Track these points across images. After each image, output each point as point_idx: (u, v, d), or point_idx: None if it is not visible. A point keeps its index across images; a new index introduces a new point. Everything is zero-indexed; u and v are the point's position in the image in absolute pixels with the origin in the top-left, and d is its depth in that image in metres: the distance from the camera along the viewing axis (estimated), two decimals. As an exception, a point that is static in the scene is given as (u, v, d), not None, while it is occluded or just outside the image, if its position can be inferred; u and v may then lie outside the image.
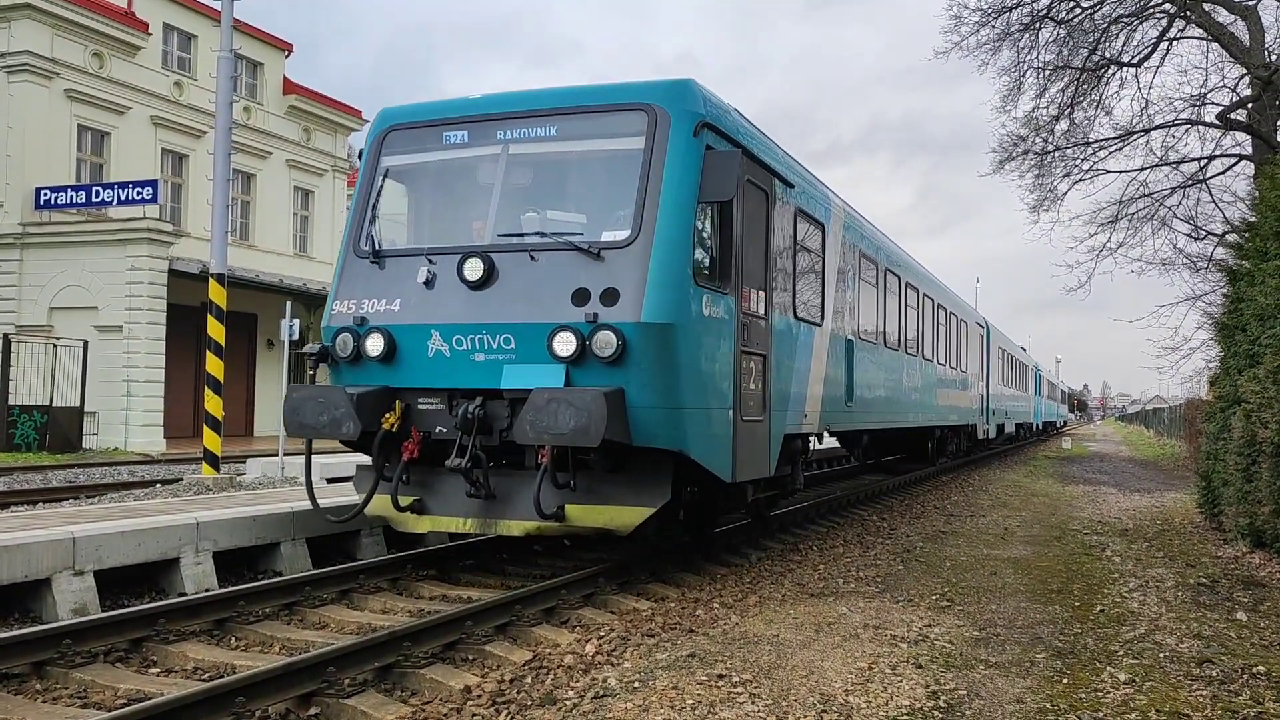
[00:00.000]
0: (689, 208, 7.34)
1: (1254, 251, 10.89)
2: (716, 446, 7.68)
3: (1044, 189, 24.59)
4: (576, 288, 7.14)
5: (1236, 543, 10.86)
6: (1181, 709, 5.20)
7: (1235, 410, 10.60)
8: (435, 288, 7.57)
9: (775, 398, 9.00)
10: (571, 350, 6.96)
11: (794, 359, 9.75)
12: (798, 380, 9.86)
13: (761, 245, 8.77)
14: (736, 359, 8.02)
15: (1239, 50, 20.64)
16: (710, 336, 7.57)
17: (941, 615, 7.41)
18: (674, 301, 7.12)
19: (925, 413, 17.62)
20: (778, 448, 9.11)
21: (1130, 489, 20.66)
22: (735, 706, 5.03)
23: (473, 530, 7.58)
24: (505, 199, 7.85)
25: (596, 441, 6.46)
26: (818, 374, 10.60)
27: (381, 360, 7.59)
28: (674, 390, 7.10)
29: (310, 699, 5.07)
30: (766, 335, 8.82)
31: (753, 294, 8.51)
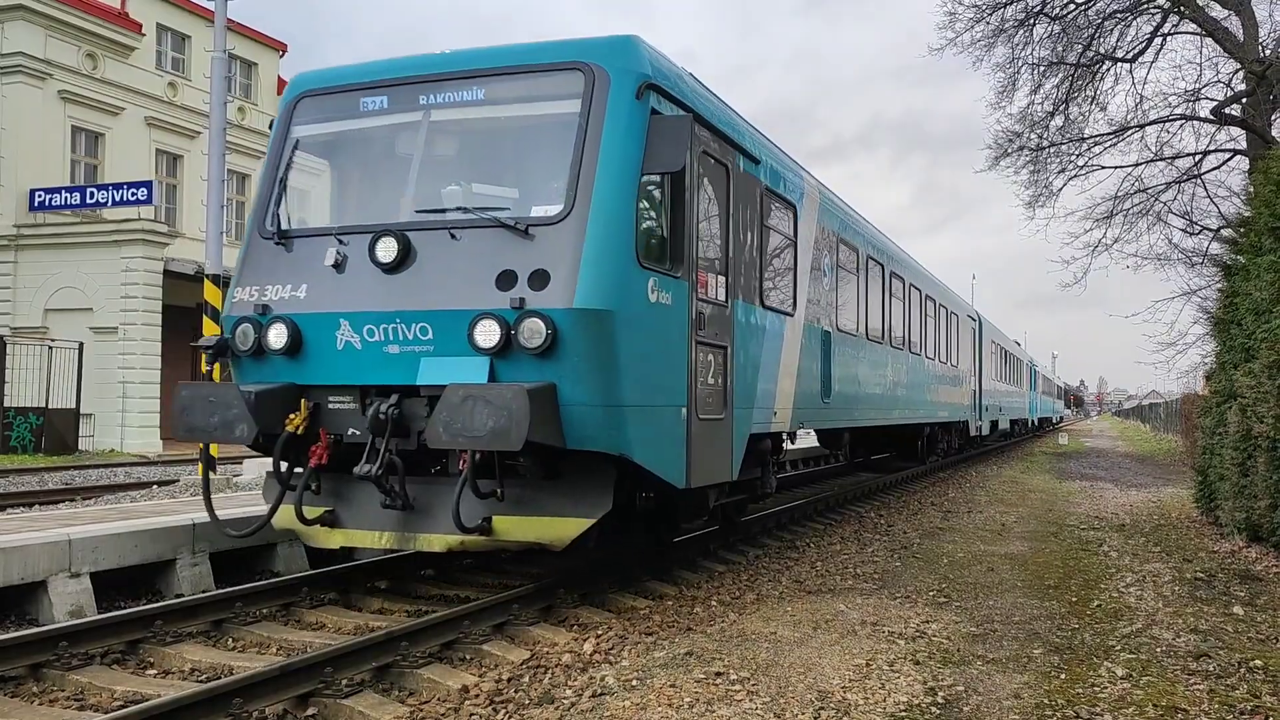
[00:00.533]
0: (631, 180, 6.57)
1: (1249, 246, 10.91)
2: (666, 449, 6.96)
3: (1039, 185, 24.61)
4: (502, 270, 6.35)
5: (1233, 537, 10.88)
6: (1178, 703, 5.21)
7: (1231, 405, 10.62)
8: (345, 271, 6.77)
9: (739, 394, 8.27)
10: (495, 341, 6.21)
11: (761, 351, 8.99)
12: (766, 375, 9.12)
13: (721, 226, 8.01)
14: (691, 351, 7.28)
15: (1233, 45, 20.67)
16: (658, 325, 6.81)
17: (939, 611, 7.41)
18: (612, 285, 6.34)
19: (913, 409, 16.84)
20: (742, 449, 8.38)
21: (1127, 484, 20.69)
22: (733, 704, 5.03)
23: (390, 545, 6.80)
24: (426, 171, 7.10)
25: (518, 445, 5.74)
26: (789, 368, 9.89)
27: (286, 354, 6.80)
28: (614, 386, 6.33)
29: (308, 699, 5.06)
30: (728, 325, 8.08)
31: (711, 279, 7.74)
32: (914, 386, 16.75)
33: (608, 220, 6.42)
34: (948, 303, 20.92)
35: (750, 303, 8.66)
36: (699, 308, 7.43)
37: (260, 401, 6.58)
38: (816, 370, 10.87)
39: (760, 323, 8.96)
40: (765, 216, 9.13)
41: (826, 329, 11.29)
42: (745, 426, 8.46)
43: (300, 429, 6.73)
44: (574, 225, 6.40)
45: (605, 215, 6.42)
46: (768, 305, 9.15)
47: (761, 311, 8.99)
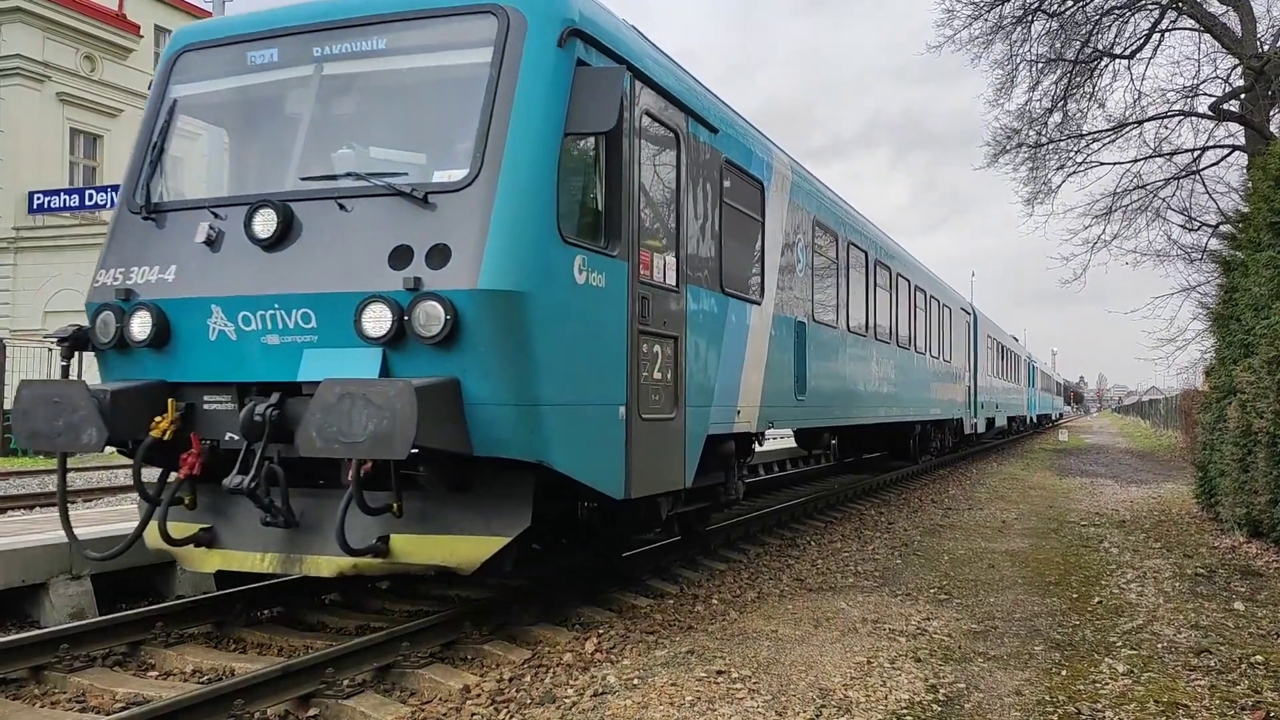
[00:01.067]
0: (550, 140, 5.72)
1: (1247, 242, 10.91)
2: (600, 454, 6.13)
3: (1038, 182, 24.63)
4: (396, 245, 5.52)
5: (1233, 533, 10.89)
6: (1180, 699, 5.22)
7: (1231, 400, 10.62)
8: (220, 250, 5.91)
9: (693, 391, 7.44)
10: (386, 328, 5.38)
11: (721, 342, 8.12)
12: (727, 368, 8.25)
13: (670, 199, 7.18)
14: (631, 340, 6.45)
15: (1231, 41, 20.67)
16: (587, 310, 5.97)
17: (940, 609, 7.42)
18: (526, 262, 5.49)
19: (902, 407, 15.90)
20: (698, 451, 7.54)
21: (1127, 480, 20.70)
22: (735, 702, 5.03)
23: (273, 569, 5.87)
24: (315, 133, 6.18)
25: (402, 452, 4.94)
26: (756, 361, 9.03)
27: (152, 346, 5.93)
28: (529, 381, 5.47)
29: (309, 700, 5.06)
30: (679, 313, 7.23)
31: (657, 260, 6.88)
32: (903, 383, 15.93)
33: (521, 186, 5.55)
34: (939, 295, 20.04)
35: (707, 288, 7.82)
36: (641, 292, 6.58)
37: (117, 402, 5.71)
38: (789, 364, 10.04)
39: (719, 311, 8.11)
40: (726, 193, 8.27)
41: (801, 320, 10.43)
42: (702, 427, 7.66)
43: (168, 434, 5.86)
44: (480, 192, 5.51)
45: (518, 180, 5.55)
46: (729, 291, 8.30)
47: (721, 299, 8.14)
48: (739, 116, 9.05)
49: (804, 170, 11.08)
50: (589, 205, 6.37)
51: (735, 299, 8.47)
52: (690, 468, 7.41)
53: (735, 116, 8.90)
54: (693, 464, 7.44)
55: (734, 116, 8.86)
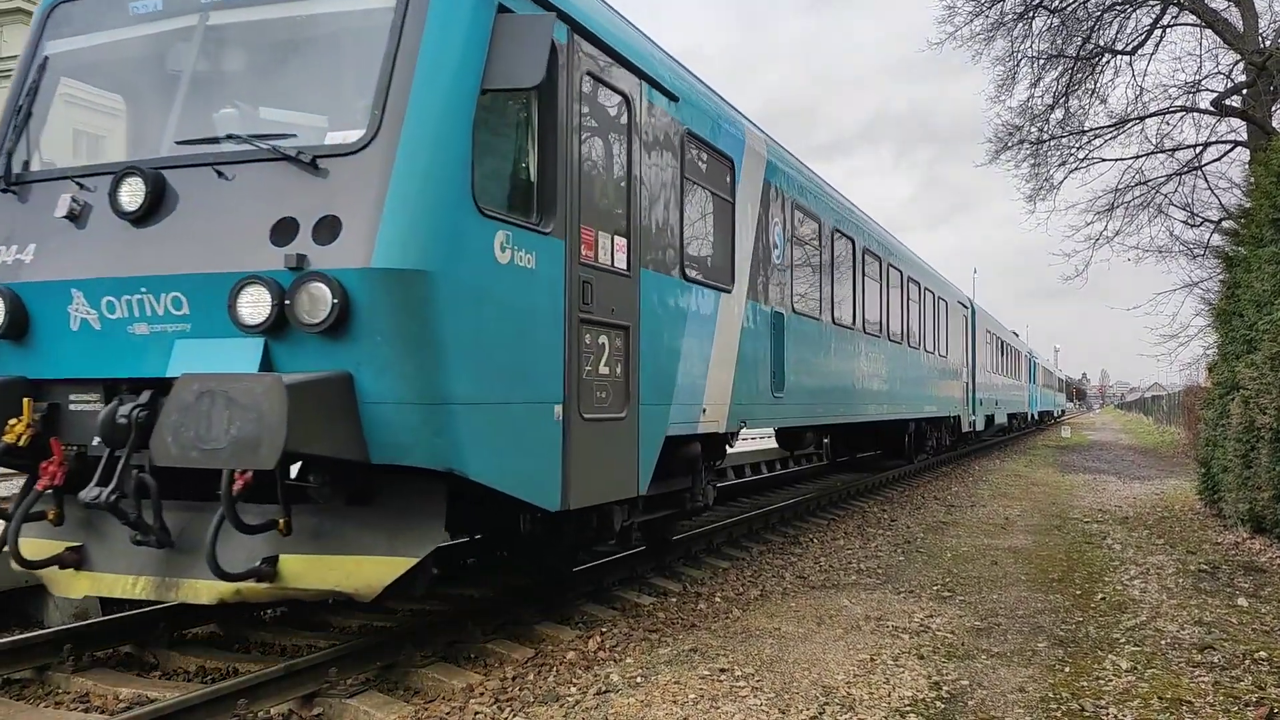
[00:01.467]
0: (463, 96, 4.98)
1: (1250, 238, 10.90)
2: (529, 460, 5.42)
3: (1040, 178, 24.59)
4: (280, 218, 4.80)
5: (1236, 529, 10.88)
6: (1183, 695, 5.21)
7: (1234, 396, 10.61)
8: (85, 226, 5.19)
9: (648, 387, 6.72)
10: (264, 315, 4.67)
11: (682, 334, 7.38)
12: (690, 362, 7.51)
13: (620, 173, 6.46)
14: (570, 330, 5.74)
15: (1232, 36, 20.62)
16: (512, 294, 5.25)
17: (943, 606, 7.41)
18: (430, 236, 4.77)
19: (894, 404, 15.03)
20: (654, 454, 6.84)
21: (1130, 477, 20.69)
22: (738, 700, 5.03)
23: (146, 595, 5.14)
24: (197, 90, 5.42)
25: (270, 460, 4.27)
26: (725, 354, 8.26)
27: (7, 337, 5.24)
28: (435, 376, 4.77)
29: (313, 699, 5.06)
30: (631, 299, 6.50)
31: (604, 240, 6.17)
32: (895, 379, 15.05)
33: (427, 149, 4.83)
34: (935, 287, 19.13)
35: (665, 273, 7.09)
36: (583, 275, 5.89)
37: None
38: (764, 358, 9.25)
39: (681, 299, 7.38)
40: (688, 168, 7.54)
41: (778, 310, 9.64)
42: (659, 427, 6.95)
43: (23, 439, 5.09)
44: (378, 155, 4.80)
45: (423, 142, 4.84)
46: (692, 277, 7.57)
47: (683, 286, 7.41)
48: (707, 88, 8.35)
49: (783, 150, 10.34)
50: (517, 175, 5.64)
51: (700, 286, 7.74)
52: (645, 472, 6.69)
53: (701, 87, 8.19)
54: (648, 468, 6.74)
55: (699, 87, 8.13)
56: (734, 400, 8.44)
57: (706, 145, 7.97)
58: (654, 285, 6.91)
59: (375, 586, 4.94)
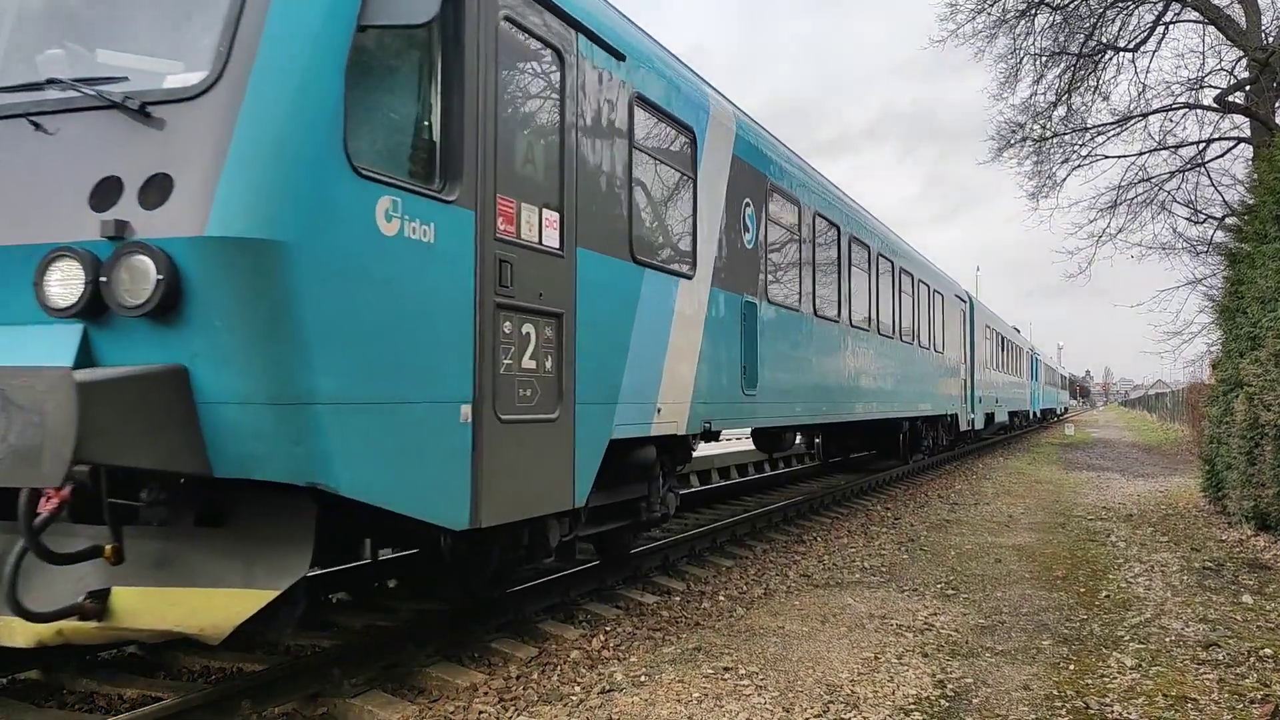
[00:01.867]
0: (334, 32, 4.21)
1: (1253, 234, 10.88)
2: (423, 470, 4.60)
3: (1043, 176, 24.56)
4: (103, 177, 4.04)
5: (1241, 526, 10.86)
6: (1188, 693, 5.20)
7: (1238, 393, 10.60)
8: None
9: (587, 383, 5.97)
10: (77, 295, 3.92)
11: (631, 323, 6.65)
12: (642, 356, 6.77)
13: (551, 138, 5.72)
14: (483, 317, 4.94)
15: (1235, 33, 20.59)
16: (402, 272, 4.45)
17: (947, 604, 7.41)
18: (286, 197, 3.95)
19: (885, 402, 14.26)
20: (595, 460, 6.08)
21: (1134, 474, 20.67)
22: (742, 699, 5.03)
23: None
24: (23, 27, 4.64)
25: (56, 476, 3.54)
26: (686, 348, 7.50)
27: None
28: (293, 370, 3.96)
29: (317, 699, 5.07)
30: (565, 283, 5.75)
31: (528, 213, 5.40)
32: (886, 376, 14.30)
33: (282, 93, 4.02)
34: (929, 280, 18.25)
35: (610, 254, 6.34)
36: (501, 253, 5.10)
37: None
38: (734, 352, 8.49)
39: (629, 284, 6.62)
40: (639, 138, 6.81)
41: (750, 299, 8.85)
42: (602, 429, 6.20)
43: None
44: (221, 101, 4.00)
45: (277, 85, 4.03)
46: (643, 260, 6.80)
47: (632, 269, 6.64)
48: (666, 51, 7.66)
49: (757, 126, 9.59)
50: (411, 133, 4.83)
51: (654, 270, 6.97)
52: (583, 481, 5.95)
53: (657, 49, 7.45)
54: (587, 476, 6.00)
55: (655, 48, 7.40)
56: (696, 399, 7.68)
57: (662, 113, 7.20)
58: (595, 268, 6.12)
59: (224, 626, 4.16)
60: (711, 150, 8.13)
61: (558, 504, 5.71)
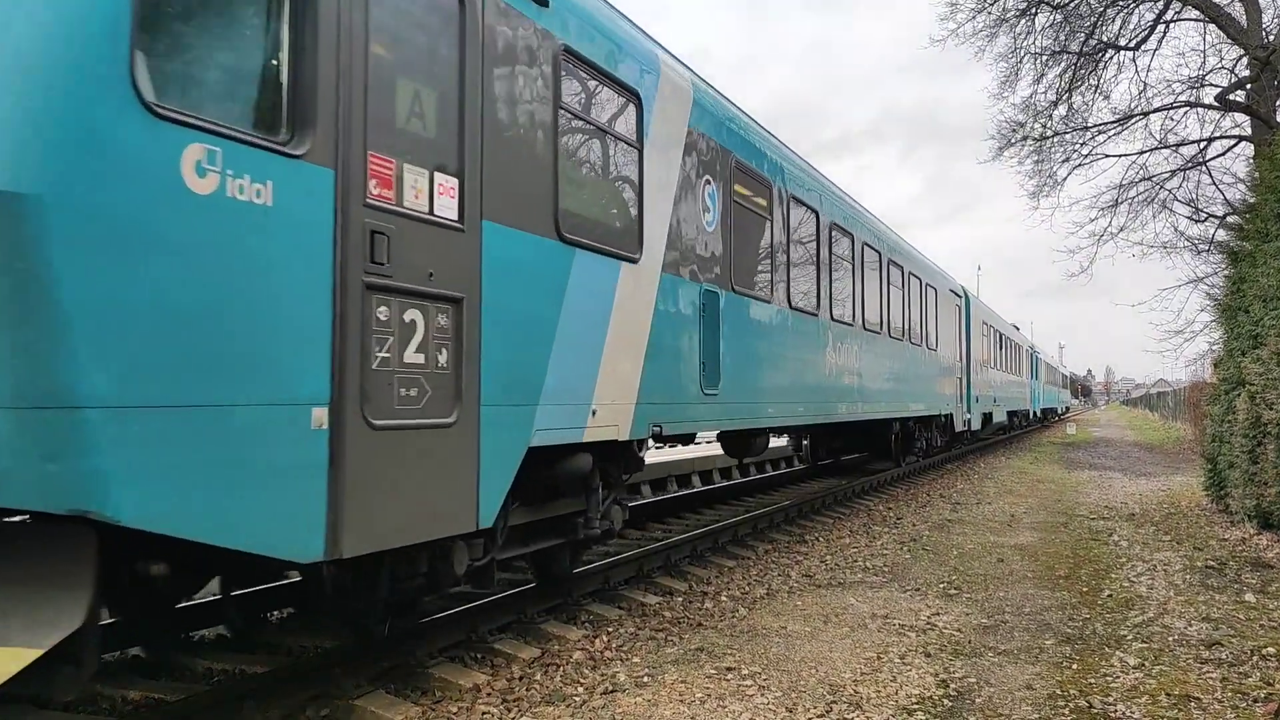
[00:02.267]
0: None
1: (1255, 233, 10.88)
2: (254, 491, 3.77)
3: (1043, 175, 24.61)
4: None
5: (1243, 524, 10.86)
6: (1191, 692, 5.20)
7: (1239, 392, 10.60)
8: None
9: (498, 381, 5.12)
10: None
11: (557, 311, 5.79)
12: (572, 350, 5.91)
13: (447, 87, 4.85)
14: (346, 299, 4.12)
15: (1236, 31, 20.59)
16: (222, 240, 3.64)
17: (949, 603, 7.41)
18: (33, 137, 3.14)
19: (871, 402, 13.37)
20: (509, 471, 5.25)
21: (1136, 473, 20.65)
22: (745, 699, 5.03)
23: None
24: None
25: None
26: (629, 340, 6.66)
27: None
28: (47, 363, 3.16)
29: (319, 700, 5.07)
30: (466, 261, 4.87)
31: (413, 176, 4.55)
32: (873, 374, 13.43)
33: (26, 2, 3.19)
34: (921, 273, 17.30)
35: (528, 230, 5.48)
36: (373, 222, 4.29)
37: None
38: (691, 347, 7.66)
39: (554, 265, 5.78)
40: (566, 97, 5.95)
41: (711, 289, 8.02)
42: (517, 435, 5.36)
43: None
44: None
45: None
46: (573, 239, 5.96)
47: (557, 248, 5.80)
48: (606, 4, 6.85)
49: (719, 97, 8.72)
50: (241, 64, 3.95)
51: (587, 251, 6.12)
52: (492, 496, 5.09)
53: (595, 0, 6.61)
54: (497, 490, 5.15)
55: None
56: (643, 398, 6.87)
57: (597, 72, 6.36)
58: (508, 245, 5.26)
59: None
60: (662, 119, 7.29)
61: (456, 525, 4.83)
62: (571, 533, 6.59)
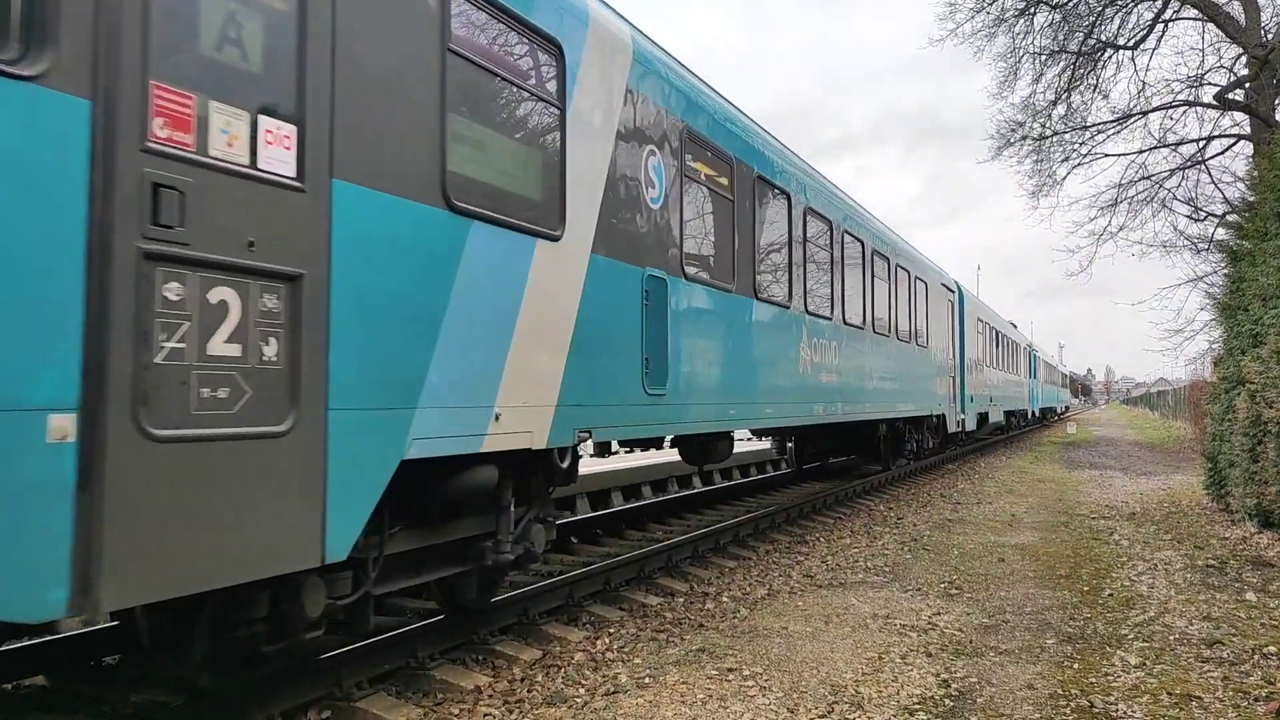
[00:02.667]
0: None
1: (1254, 232, 10.88)
2: None
3: (1043, 174, 24.63)
4: None
5: (1244, 523, 10.86)
6: (1192, 691, 5.21)
7: (1240, 391, 10.60)
8: None
9: (356, 379, 4.19)
10: None
11: (446, 294, 4.83)
12: (466, 341, 4.98)
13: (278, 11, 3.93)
14: (110, 270, 3.24)
15: (1235, 30, 20.60)
16: None
17: (950, 603, 7.41)
18: None
19: (852, 401, 12.38)
20: (374, 490, 4.29)
21: (1136, 472, 20.66)
22: (746, 700, 5.04)
23: None
24: None
25: None
26: (548, 331, 5.76)
27: None
28: None
29: (321, 702, 5.08)
30: (308, 229, 3.97)
31: (227, 117, 3.67)
32: (854, 371, 12.45)
33: None
34: (910, 265, 16.29)
35: (401, 194, 4.53)
36: (155, 172, 3.40)
37: None
38: (631, 340, 6.78)
39: (439, 238, 4.82)
40: (456, 36, 5.00)
41: (658, 274, 7.14)
42: (385, 445, 4.39)
43: None
44: None
45: None
46: (467, 207, 4.98)
47: (444, 218, 4.83)
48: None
49: (668, 57, 7.81)
50: None
51: (488, 224, 5.18)
52: (346, 522, 4.12)
53: None
54: (354, 515, 4.18)
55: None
56: (567, 400, 5.95)
57: (502, 11, 5.42)
58: (372, 211, 4.33)
59: None
60: (592, 75, 6.36)
61: (288, 561, 3.85)
62: (477, 558, 5.69)
